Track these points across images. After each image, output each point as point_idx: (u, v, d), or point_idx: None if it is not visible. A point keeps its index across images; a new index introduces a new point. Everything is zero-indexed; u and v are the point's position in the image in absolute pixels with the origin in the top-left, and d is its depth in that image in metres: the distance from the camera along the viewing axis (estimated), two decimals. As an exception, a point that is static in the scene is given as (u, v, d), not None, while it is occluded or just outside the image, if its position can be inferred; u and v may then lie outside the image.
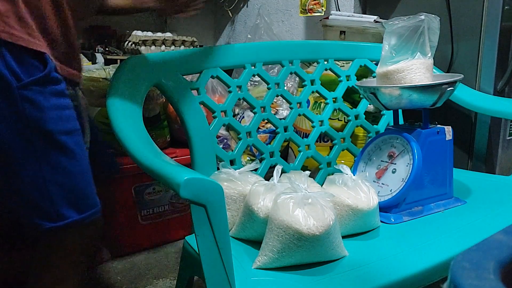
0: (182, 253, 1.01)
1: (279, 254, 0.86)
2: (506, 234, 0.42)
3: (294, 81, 1.97)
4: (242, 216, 0.99)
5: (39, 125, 0.88)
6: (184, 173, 0.73)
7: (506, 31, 1.50)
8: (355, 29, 1.75)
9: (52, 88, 0.90)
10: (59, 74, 0.93)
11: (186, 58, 1.15)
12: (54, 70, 0.90)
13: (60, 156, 0.92)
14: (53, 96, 0.90)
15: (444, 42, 1.59)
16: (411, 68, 1.10)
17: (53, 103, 0.90)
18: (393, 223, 1.07)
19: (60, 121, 0.91)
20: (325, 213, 0.86)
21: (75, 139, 0.94)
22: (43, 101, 0.88)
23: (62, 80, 0.93)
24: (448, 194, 1.18)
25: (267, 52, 1.27)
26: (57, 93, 0.91)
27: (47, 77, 0.89)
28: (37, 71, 0.87)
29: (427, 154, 1.11)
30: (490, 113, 1.45)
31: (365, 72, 1.47)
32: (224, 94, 1.90)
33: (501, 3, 1.47)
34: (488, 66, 1.53)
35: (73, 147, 0.93)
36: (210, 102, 1.16)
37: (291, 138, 1.28)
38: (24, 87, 0.86)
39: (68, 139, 0.92)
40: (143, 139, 0.93)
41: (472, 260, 0.37)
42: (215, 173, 1.07)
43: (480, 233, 1.00)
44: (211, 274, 0.76)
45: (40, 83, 0.88)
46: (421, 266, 0.89)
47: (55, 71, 0.91)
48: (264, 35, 2.29)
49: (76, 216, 0.95)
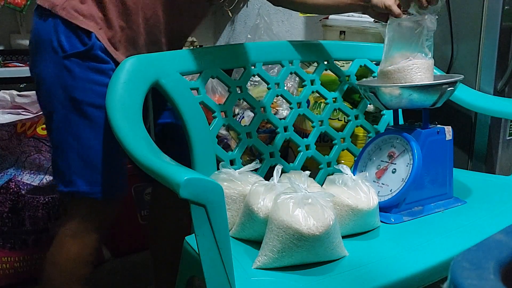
0: (182, 253, 1.01)
1: (279, 254, 0.86)
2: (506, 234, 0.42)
3: (294, 81, 1.97)
4: (242, 216, 0.99)
5: (70, 91, 0.99)
6: (184, 173, 0.73)
7: (506, 31, 1.50)
8: (355, 29, 1.75)
9: (92, 64, 1.00)
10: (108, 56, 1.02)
11: (186, 58, 1.15)
12: (100, 49, 1.00)
13: (84, 125, 1.01)
14: (90, 71, 1.00)
15: (444, 42, 1.59)
16: (412, 68, 1.10)
17: (89, 77, 1.00)
18: (393, 223, 1.07)
19: (91, 93, 1.00)
20: (325, 213, 0.86)
21: (103, 114, 0.99)
22: (79, 72, 0.99)
23: (109, 61, 1.02)
24: (448, 194, 1.18)
25: (267, 52, 1.27)
26: (96, 70, 1.00)
27: (88, 53, 0.99)
28: (80, 46, 0.99)
29: (427, 154, 1.11)
30: (490, 113, 1.45)
31: (365, 72, 1.47)
32: (224, 94, 1.90)
33: (501, 3, 1.47)
34: (488, 66, 1.53)
35: (99, 121, 1.00)
36: (210, 102, 1.16)
37: (291, 138, 1.28)
38: (66, 57, 0.99)
39: (96, 112, 1.00)
40: (143, 139, 0.93)
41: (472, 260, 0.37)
42: (215, 173, 1.07)
43: (480, 233, 1.00)
44: (211, 274, 0.76)
45: (80, 56, 0.99)
46: (421, 266, 0.89)
47: (101, 50, 1.00)
48: (264, 35, 2.29)
49: (85, 187, 1.02)
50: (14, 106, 1.47)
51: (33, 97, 1.45)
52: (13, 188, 1.50)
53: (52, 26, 0.99)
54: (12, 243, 1.52)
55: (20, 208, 1.51)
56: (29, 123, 1.50)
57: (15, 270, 1.54)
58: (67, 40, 0.99)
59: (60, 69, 0.99)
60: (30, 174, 1.52)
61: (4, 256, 1.51)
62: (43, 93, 1.05)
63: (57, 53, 0.99)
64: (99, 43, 1.00)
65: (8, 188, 1.49)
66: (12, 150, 1.51)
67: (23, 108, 1.47)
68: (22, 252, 1.54)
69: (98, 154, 1.02)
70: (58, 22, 0.99)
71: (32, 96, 1.45)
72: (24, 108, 1.47)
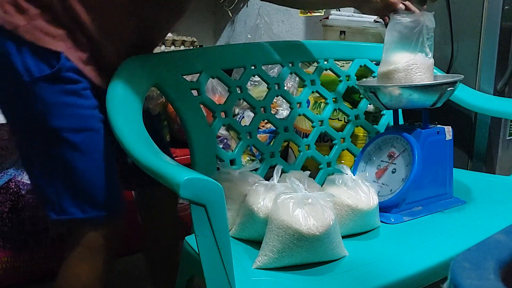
0: (182, 253, 1.01)
1: (279, 254, 0.86)
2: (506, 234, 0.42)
3: (294, 81, 1.97)
4: (242, 216, 0.99)
5: (44, 119, 0.92)
6: (184, 173, 0.73)
7: (506, 31, 1.50)
8: (355, 29, 1.75)
9: (62, 87, 0.92)
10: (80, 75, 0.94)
11: (186, 58, 1.15)
12: (70, 70, 0.93)
13: (67, 152, 0.94)
14: (62, 94, 0.92)
15: (444, 42, 1.59)
16: (412, 67, 1.10)
17: (62, 100, 0.92)
18: (393, 223, 1.07)
19: (68, 118, 0.93)
20: (325, 213, 0.86)
21: (87, 138, 0.95)
22: (50, 97, 0.91)
23: (81, 81, 0.95)
24: (448, 194, 1.18)
25: (267, 52, 1.27)
26: (68, 92, 0.93)
27: (57, 75, 0.91)
28: (47, 69, 0.91)
29: (427, 154, 1.11)
30: (490, 113, 1.45)
31: (365, 72, 1.47)
32: (224, 94, 1.90)
33: (501, 3, 1.47)
34: (488, 66, 1.53)
35: (82, 145, 0.95)
36: (210, 102, 1.16)
37: (291, 138, 1.28)
38: (34, 83, 0.90)
39: (77, 137, 0.94)
40: (143, 139, 0.93)
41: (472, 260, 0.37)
42: (215, 173, 1.07)
43: (480, 233, 1.00)
44: (211, 274, 0.76)
45: (49, 79, 0.91)
46: (421, 266, 0.89)
47: (71, 71, 0.93)
48: (264, 35, 2.29)
49: (80, 214, 0.96)
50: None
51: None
52: (13, 188, 1.50)
53: (15, 49, 0.90)
54: (12, 243, 1.52)
55: (20, 208, 1.51)
56: (29, 123, 1.50)
57: (15, 270, 1.54)
58: (33, 63, 0.90)
59: (29, 96, 0.91)
60: (30, 174, 1.52)
61: (4, 256, 1.51)
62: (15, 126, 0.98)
63: (21, 77, 0.90)
64: (69, 64, 0.93)
65: (8, 188, 1.49)
66: (12, 150, 1.51)
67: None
68: (22, 252, 1.54)
69: (88, 179, 0.96)
70: (23, 44, 0.90)
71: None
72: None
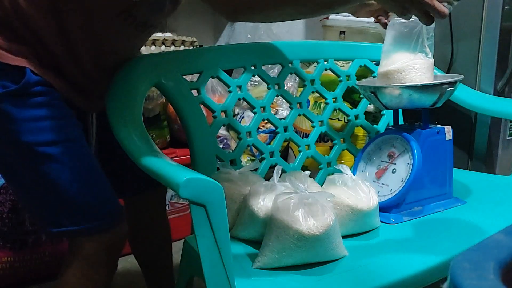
0: (182, 253, 1.01)
1: (279, 254, 0.86)
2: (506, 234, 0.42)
3: (294, 81, 1.97)
4: (242, 216, 0.99)
5: (16, 137, 0.88)
6: (184, 173, 0.73)
7: (506, 31, 1.50)
8: (355, 29, 1.76)
9: (29, 100, 0.88)
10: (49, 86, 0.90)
11: (186, 58, 1.15)
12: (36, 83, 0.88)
13: (46, 166, 0.89)
14: (32, 108, 0.88)
15: (444, 42, 1.59)
16: (412, 67, 1.10)
17: (30, 115, 0.88)
18: (393, 223, 1.07)
19: (39, 132, 0.88)
20: (325, 213, 0.86)
21: (64, 148, 0.90)
22: (17, 113, 0.87)
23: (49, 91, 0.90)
24: (448, 194, 1.18)
25: (267, 52, 1.27)
26: (36, 105, 0.88)
27: (23, 90, 0.87)
28: (12, 84, 0.86)
29: (427, 154, 1.11)
30: (490, 113, 1.45)
31: (365, 72, 1.47)
32: (224, 94, 1.90)
33: (501, 3, 1.47)
34: (488, 66, 1.53)
35: (60, 157, 0.89)
36: (210, 102, 1.16)
37: (291, 138, 1.27)
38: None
39: (53, 149, 0.89)
40: (143, 139, 0.93)
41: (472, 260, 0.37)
42: (215, 173, 1.07)
43: (480, 233, 1.00)
44: (211, 274, 0.76)
45: (15, 95, 0.86)
46: (421, 266, 0.89)
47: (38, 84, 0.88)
48: (264, 35, 2.29)
49: (73, 226, 0.92)
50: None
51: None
52: (13, 188, 1.50)
53: None
54: (12, 243, 1.52)
55: (20, 208, 1.51)
56: (29, 123, 1.50)
57: (15, 270, 1.54)
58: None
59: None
60: (30, 174, 1.52)
61: (4, 256, 1.51)
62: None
63: None
64: (36, 77, 0.88)
65: (8, 188, 1.49)
66: (12, 150, 1.51)
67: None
68: (22, 252, 1.54)
69: (74, 190, 0.90)
70: None
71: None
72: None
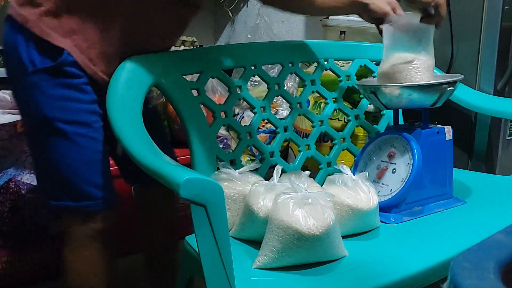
0: (182, 253, 1.01)
1: (279, 254, 0.86)
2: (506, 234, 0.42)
3: (294, 81, 1.97)
4: (242, 216, 0.99)
5: (41, 109, 0.97)
6: (184, 173, 0.73)
7: (506, 31, 1.50)
8: (355, 29, 1.75)
9: (61, 80, 0.97)
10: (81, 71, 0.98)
11: (186, 58, 1.15)
12: (71, 65, 0.97)
13: (59, 142, 0.98)
14: (60, 87, 0.97)
15: (444, 42, 1.59)
16: (412, 68, 1.10)
17: (59, 93, 0.97)
18: (393, 223, 1.07)
19: (62, 110, 0.97)
20: (325, 213, 0.86)
21: (79, 130, 0.99)
22: (48, 89, 0.96)
23: (82, 75, 0.99)
24: (448, 194, 1.18)
25: (267, 52, 1.27)
26: (66, 85, 0.97)
27: (57, 69, 0.96)
28: (50, 62, 0.96)
29: (427, 154, 1.11)
30: (490, 113, 1.45)
31: (365, 72, 1.47)
32: (224, 94, 1.90)
33: (501, 3, 1.47)
34: (488, 66, 1.53)
35: (73, 137, 0.98)
36: (210, 102, 1.16)
37: (291, 138, 1.28)
38: (35, 72, 0.96)
39: (68, 128, 0.98)
40: (143, 139, 0.93)
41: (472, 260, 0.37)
42: (215, 173, 1.07)
43: (480, 233, 1.00)
44: (211, 274, 0.76)
45: (49, 71, 0.96)
46: (421, 266, 0.89)
47: (72, 66, 0.97)
48: (264, 35, 2.29)
49: (71, 203, 1.01)
50: (14, 106, 1.47)
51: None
52: (13, 188, 1.49)
53: (23, 40, 0.96)
54: (12, 243, 1.52)
55: (20, 208, 1.51)
56: (29, 123, 1.50)
57: (15, 270, 1.53)
58: (37, 55, 0.96)
59: (30, 86, 0.97)
60: (30, 174, 1.52)
61: (4, 256, 1.51)
62: (20, 111, 1.05)
63: (26, 68, 0.96)
64: (71, 59, 0.97)
65: (8, 188, 1.49)
66: (12, 150, 1.51)
67: (23, 108, 1.47)
68: (22, 252, 1.54)
69: (78, 170, 1.00)
70: (30, 37, 0.96)
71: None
72: (24, 108, 1.47)
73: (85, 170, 1.01)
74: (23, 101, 1.02)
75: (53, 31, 0.96)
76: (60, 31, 0.96)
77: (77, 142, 0.99)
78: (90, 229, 1.03)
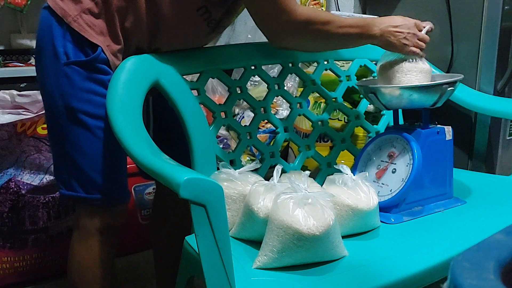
0: (182, 253, 1.01)
1: (279, 254, 0.86)
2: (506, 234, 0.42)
3: (294, 81, 1.97)
4: (242, 216, 0.99)
5: (67, 99, 1.00)
6: (184, 173, 0.73)
7: (506, 31, 1.50)
8: (355, 29, 1.75)
9: (92, 75, 1.01)
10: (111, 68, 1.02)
11: (186, 58, 1.15)
12: (103, 61, 1.01)
13: (80, 133, 1.01)
14: (90, 81, 1.01)
15: (444, 42, 1.59)
16: (412, 68, 1.10)
17: (88, 87, 1.00)
18: (393, 223, 1.07)
19: (88, 103, 1.01)
20: (325, 213, 0.86)
21: (102, 124, 1.01)
22: (78, 81, 1.00)
23: (110, 73, 1.02)
24: (448, 194, 1.18)
25: (267, 52, 1.27)
26: (96, 80, 1.01)
27: (90, 64, 1.00)
28: (83, 56, 1.00)
29: (427, 154, 1.11)
30: (490, 113, 1.45)
31: (365, 72, 1.47)
32: (224, 94, 1.90)
33: (501, 3, 1.47)
34: (488, 66, 1.53)
35: (94, 129, 1.01)
36: (210, 102, 1.16)
37: (291, 138, 1.27)
38: (67, 64, 1.00)
39: (92, 121, 1.01)
40: (143, 139, 0.93)
41: (472, 260, 0.37)
42: (215, 173, 1.07)
43: (480, 233, 1.00)
44: (211, 274, 0.76)
45: (81, 65, 1.00)
46: (421, 266, 0.90)
47: (103, 62, 1.01)
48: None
49: (83, 194, 1.03)
50: (14, 106, 1.47)
51: (33, 96, 1.44)
52: (13, 188, 1.49)
53: (60, 33, 1.00)
54: (12, 243, 1.52)
55: (20, 208, 1.51)
56: (29, 122, 1.50)
57: (15, 270, 1.53)
58: (72, 48, 1.00)
59: (60, 76, 1.00)
60: (30, 174, 1.52)
61: (4, 256, 1.51)
62: (44, 98, 1.07)
63: (59, 59, 1.00)
64: (103, 56, 1.01)
65: (8, 188, 1.49)
66: (12, 150, 1.51)
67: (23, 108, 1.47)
68: (22, 252, 1.54)
69: (94, 163, 1.02)
70: (67, 30, 1.00)
71: (32, 95, 1.44)
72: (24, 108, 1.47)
73: (101, 163, 1.03)
74: (49, 88, 1.03)
75: (91, 29, 1.00)
76: (97, 30, 1.01)
77: (97, 135, 1.01)
78: (99, 221, 1.05)
